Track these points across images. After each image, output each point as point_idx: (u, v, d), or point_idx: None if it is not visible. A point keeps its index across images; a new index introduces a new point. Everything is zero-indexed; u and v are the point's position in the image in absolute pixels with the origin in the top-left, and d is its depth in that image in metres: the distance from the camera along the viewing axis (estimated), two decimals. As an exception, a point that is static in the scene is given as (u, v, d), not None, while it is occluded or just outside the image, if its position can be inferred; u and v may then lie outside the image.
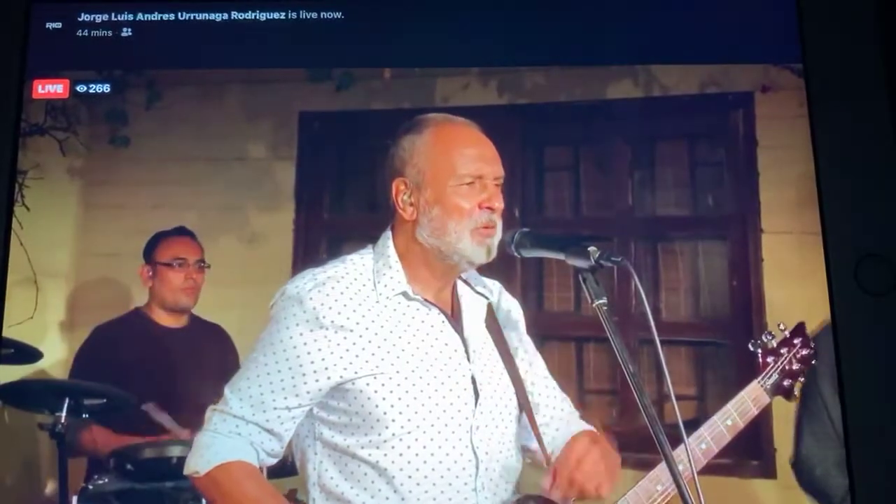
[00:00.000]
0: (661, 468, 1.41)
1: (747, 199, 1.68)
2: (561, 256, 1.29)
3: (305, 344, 1.27)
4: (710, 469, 1.50)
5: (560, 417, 1.42)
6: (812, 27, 1.64)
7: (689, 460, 1.18)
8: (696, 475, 1.18)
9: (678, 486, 1.15)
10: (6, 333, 1.57)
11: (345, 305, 1.29)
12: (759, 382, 1.53)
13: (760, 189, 1.68)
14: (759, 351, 1.55)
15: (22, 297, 1.63)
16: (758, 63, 1.68)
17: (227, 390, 1.31)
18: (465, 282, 1.39)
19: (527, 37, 1.67)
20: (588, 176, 1.75)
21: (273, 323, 1.31)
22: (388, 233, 1.37)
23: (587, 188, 1.75)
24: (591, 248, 1.24)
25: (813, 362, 1.54)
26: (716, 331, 1.68)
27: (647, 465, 1.55)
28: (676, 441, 1.19)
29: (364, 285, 1.32)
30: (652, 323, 1.19)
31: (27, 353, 1.64)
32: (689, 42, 1.67)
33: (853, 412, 1.49)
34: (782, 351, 1.54)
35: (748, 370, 1.59)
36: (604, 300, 1.23)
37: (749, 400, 1.51)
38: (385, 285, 1.31)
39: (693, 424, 1.62)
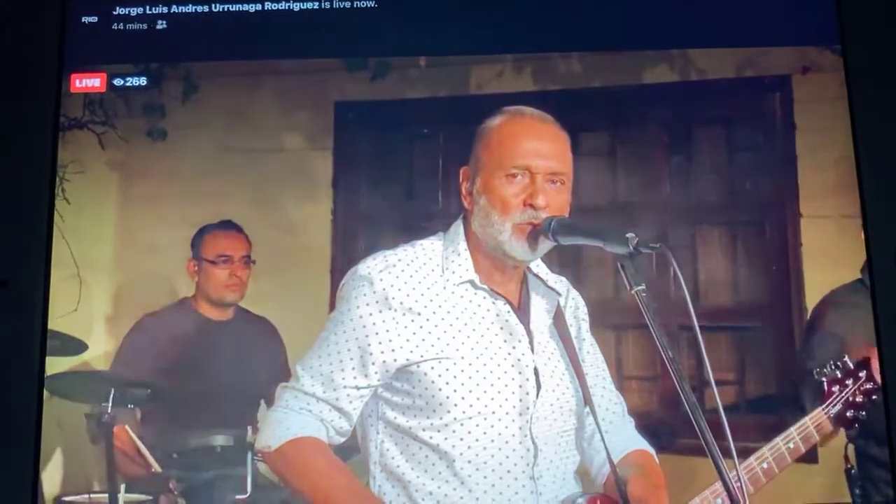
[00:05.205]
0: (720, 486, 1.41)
1: (785, 183, 1.67)
2: (599, 243, 1.27)
3: (374, 324, 1.27)
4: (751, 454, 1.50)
5: (612, 422, 1.42)
6: (850, 8, 1.62)
7: (740, 475, 1.17)
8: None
9: (718, 470, 1.15)
10: (51, 326, 1.59)
11: (413, 289, 1.29)
12: (823, 410, 1.51)
13: (799, 173, 1.67)
14: (825, 380, 1.53)
15: (65, 290, 1.65)
16: (796, 45, 1.66)
17: (298, 367, 1.32)
18: (537, 275, 1.39)
19: (561, 23, 1.66)
20: (625, 161, 1.75)
21: (343, 302, 1.30)
22: (460, 221, 1.37)
23: (624, 174, 1.74)
24: (630, 235, 1.22)
25: (874, 397, 1.52)
26: (755, 316, 1.67)
27: (686, 451, 1.56)
28: (716, 425, 1.19)
29: (433, 270, 1.31)
30: (691, 309, 1.17)
31: (73, 345, 1.66)
32: (727, 25, 1.65)
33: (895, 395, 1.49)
34: (847, 382, 1.53)
35: (788, 355, 1.59)
36: (642, 287, 1.21)
37: (812, 426, 1.50)
38: (453, 272, 1.31)
39: (733, 409, 1.62)
